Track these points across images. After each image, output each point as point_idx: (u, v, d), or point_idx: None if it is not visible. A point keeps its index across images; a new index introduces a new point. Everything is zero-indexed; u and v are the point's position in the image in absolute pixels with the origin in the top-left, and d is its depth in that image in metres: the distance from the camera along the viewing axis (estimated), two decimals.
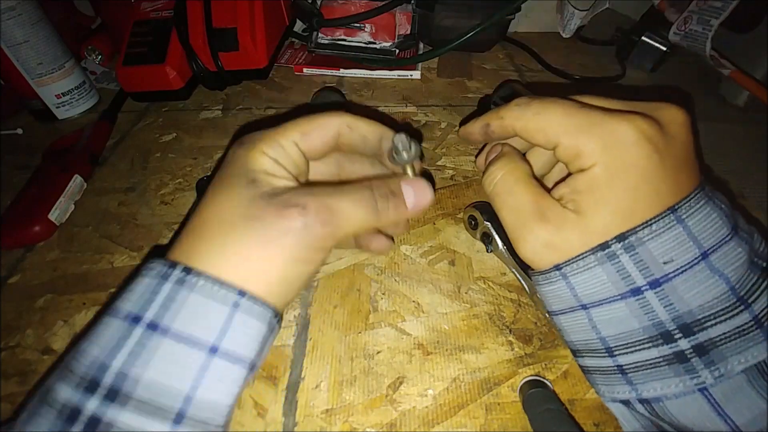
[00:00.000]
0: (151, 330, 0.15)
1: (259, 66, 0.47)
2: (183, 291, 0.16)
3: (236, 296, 0.16)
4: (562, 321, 0.20)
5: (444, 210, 0.33)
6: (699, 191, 0.18)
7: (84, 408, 0.14)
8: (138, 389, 0.15)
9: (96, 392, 0.14)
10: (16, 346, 0.25)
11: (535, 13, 0.57)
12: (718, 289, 0.16)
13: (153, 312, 0.16)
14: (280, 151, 0.19)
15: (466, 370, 0.24)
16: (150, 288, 0.16)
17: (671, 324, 0.17)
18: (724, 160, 0.37)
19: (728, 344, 0.16)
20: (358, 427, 0.21)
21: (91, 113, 0.46)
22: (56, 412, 0.14)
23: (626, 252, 0.17)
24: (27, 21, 0.39)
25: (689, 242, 0.17)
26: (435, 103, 0.45)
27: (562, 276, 0.19)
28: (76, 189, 0.34)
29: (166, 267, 0.17)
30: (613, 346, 0.18)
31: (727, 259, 0.17)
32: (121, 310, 0.16)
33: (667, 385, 0.17)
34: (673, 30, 0.44)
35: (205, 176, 0.35)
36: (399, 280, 0.28)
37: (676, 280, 0.17)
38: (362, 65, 0.50)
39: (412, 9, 0.50)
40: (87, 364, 0.15)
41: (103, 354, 0.15)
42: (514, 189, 0.20)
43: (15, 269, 0.30)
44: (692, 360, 0.16)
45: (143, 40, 0.45)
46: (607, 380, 0.19)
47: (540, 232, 0.19)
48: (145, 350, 0.15)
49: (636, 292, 0.17)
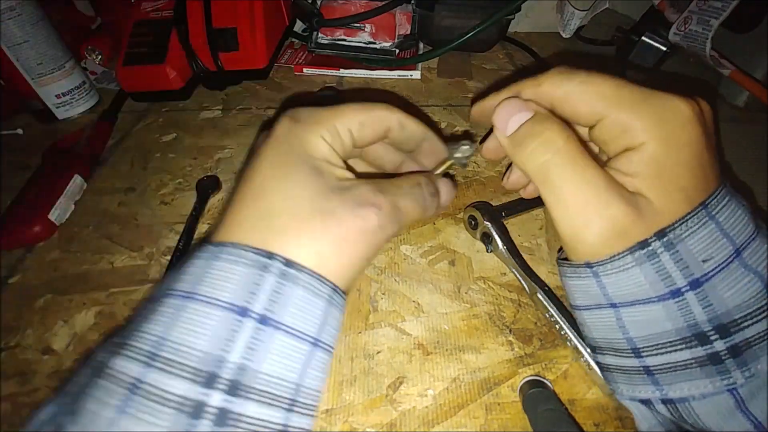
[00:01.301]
0: (263, 324, 0.15)
1: (259, 66, 0.47)
2: (288, 284, 0.16)
3: (331, 291, 0.17)
4: (586, 317, 0.19)
5: (444, 210, 0.33)
6: (722, 188, 0.17)
7: (209, 401, 0.14)
8: (257, 381, 0.15)
9: (216, 386, 0.14)
10: (16, 346, 0.25)
11: (535, 13, 0.57)
12: (754, 288, 0.16)
13: (261, 305, 0.15)
14: (337, 138, 0.19)
15: (466, 370, 0.24)
16: (250, 278, 0.15)
17: (707, 325, 0.16)
18: (723, 160, 0.37)
19: (761, 344, 0.16)
20: (358, 427, 0.21)
21: (91, 113, 0.46)
22: (174, 408, 0.13)
23: (667, 250, 0.16)
24: (27, 21, 0.39)
25: (723, 239, 0.16)
26: (435, 103, 0.45)
27: (593, 274, 0.18)
28: (76, 189, 0.34)
29: (262, 257, 0.16)
30: (641, 347, 0.17)
31: (758, 256, 0.16)
32: (220, 299, 0.15)
33: (696, 387, 0.16)
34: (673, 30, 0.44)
35: (205, 176, 0.35)
36: (399, 280, 0.28)
37: (715, 279, 0.16)
38: (362, 65, 0.50)
39: (412, 9, 0.50)
40: (198, 357, 0.14)
41: (216, 347, 0.14)
42: (579, 161, 0.17)
43: (15, 269, 0.30)
44: (726, 362, 0.16)
45: (143, 40, 0.45)
46: (630, 380, 0.18)
47: (616, 213, 0.16)
48: (261, 344, 0.15)
49: (676, 293, 0.16)
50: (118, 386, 0.13)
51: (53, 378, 0.24)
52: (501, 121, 0.19)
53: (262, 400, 0.14)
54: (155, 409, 0.13)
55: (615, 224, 0.17)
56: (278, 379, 0.15)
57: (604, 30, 0.54)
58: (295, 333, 0.16)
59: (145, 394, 0.13)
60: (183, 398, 0.13)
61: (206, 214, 0.33)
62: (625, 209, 0.16)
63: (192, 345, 0.14)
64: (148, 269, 0.29)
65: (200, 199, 0.33)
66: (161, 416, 0.13)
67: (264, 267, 0.16)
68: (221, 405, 0.14)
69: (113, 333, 0.17)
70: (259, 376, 0.15)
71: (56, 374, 0.24)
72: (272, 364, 0.15)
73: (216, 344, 0.14)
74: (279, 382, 0.15)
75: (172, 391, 0.13)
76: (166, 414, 0.13)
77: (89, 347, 0.25)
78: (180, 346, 0.14)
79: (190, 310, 0.15)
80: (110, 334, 0.22)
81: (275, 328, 0.15)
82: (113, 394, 0.13)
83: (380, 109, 0.20)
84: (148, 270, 0.29)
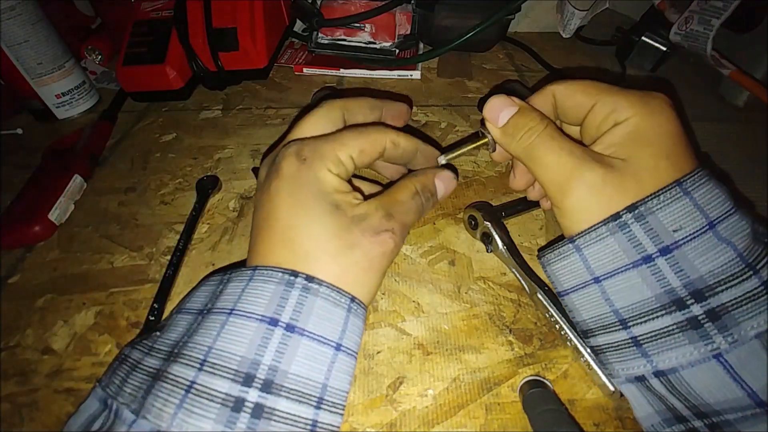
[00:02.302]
0: (290, 331, 0.17)
1: (259, 66, 0.47)
2: (310, 297, 0.18)
3: (349, 302, 0.19)
4: (574, 299, 0.20)
5: (444, 210, 0.33)
6: (699, 171, 0.19)
7: (247, 397, 0.16)
8: (287, 381, 0.17)
9: (253, 384, 0.16)
10: (16, 346, 0.25)
11: (535, 13, 0.57)
12: (726, 256, 0.17)
13: (287, 315, 0.18)
14: (341, 167, 0.21)
15: (466, 370, 0.24)
16: (278, 293, 0.18)
17: (683, 290, 0.17)
18: (724, 160, 0.37)
19: (739, 309, 0.16)
20: (358, 427, 0.21)
21: (91, 113, 0.46)
22: (219, 403, 0.16)
23: (637, 221, 0.18)
24: (27, 21, 0.39)
25: (696, 212, 0.18)
26: (435, 103, 0.45)
27: (575, 248, 0.19)
28: (76, 189, 0.34)
29: (287, 275, 0.18)
30: (627, 317, 0.18)
31: (733, 230, 0.17)
32: (254, 312, 0.18)
33: (682, 354, 0.17)
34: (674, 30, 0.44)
35: (205, 176, 0.35)
36: (399, 280, 0.28)
37: (685, 247, 0.17)
38: (362, 65, 0.50)
39: (412, 9, 0.50)
40: (237, 361, 0.17)
41: (251, 352, 0.17)
42: (558, 138, 0.20)
43: (15, 269, 0.30)
44: (705, 325, 0.17)
45: (143, 40, 0.45)
46: (622, 356, 0.19)
47: (591, 176, 0.19)
48: (289, 348, 0.17)
49: (647, 259, 0.18)
50: (177, 387, 0.16)
51: (53, 378, 0.24)
52: (492, 114, 0.23)
53: (292, 397, 0.17)
54: (205, 405, 0.16)
55: (593, 184, 0.19)
56: (306, 379, 0.17)
57: (604, 30, 0.54)
58: (318, 338, 0.18)
59: (197, 393, 0.16)
60: (226, 395, 0.16)
61: (206, 213, 0.33)
62: (601, 169, 0.19)
63: (232, 351, 0.17)
64: (148, 269, 0.29)
65: (200, 198, 0.33)
66: (210, 410, 0.16)
67: (290, 283, 0.18)
68: (257, 401, 0.16)
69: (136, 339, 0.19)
70: (288, 376, 0.17)
71: (56, 374, 0.24)
72: (299, 366, 0.17)
73: (251, 349, 0.17)
74: (306, 382, 0.17)
75: (217, 390, 0.16)
76: (213, 408, 0.16)
77: (89, 347, 0.25)
78: (223, 353, 0.17)
79: (230, 323, 0.18)
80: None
81: (300, 334, 0.18)
82: (174, 394, 0.16)
83: (375, 133, 0.22)
84: (148, 270, 0.29)
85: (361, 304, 0.20)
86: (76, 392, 0.23)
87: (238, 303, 0.18)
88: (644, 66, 0.50)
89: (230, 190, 0.35)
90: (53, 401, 0.23)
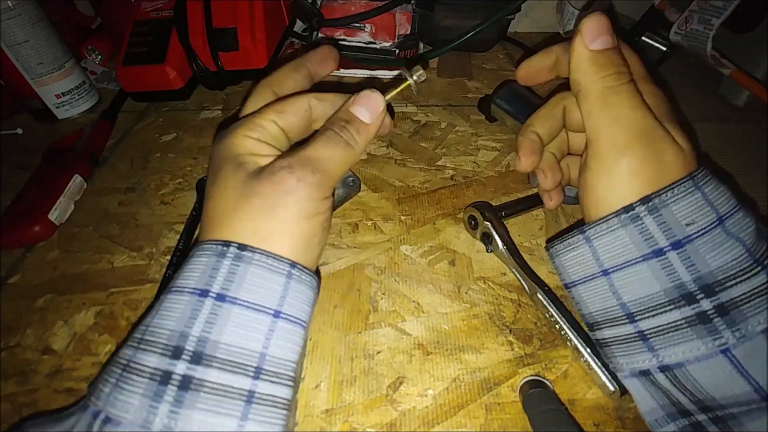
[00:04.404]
0: (220, 301, 0.17)
1: (259, 66, 0.47)
2: (242, 265, 0.18)
3: (289, 267, 0.18)
4: (581, 291, 0.20)
5: (444, 210, 0.33)
6: (705, 168, 0.19)
7: (174, 370, 0.16)
8: (218, 351, 0.16)
9: (182, 357, 0.16)
10: (16, 346, 0.25)
11: (535, 13, 0.57)
12: (735, 251, 0.17)
13: (219, 285, 0.17)
14: (262, 131, 0.20)
15: (466, 370, 0.24)
16: (210, 265, 0.18)
17: (693, 285, 0.17)
18: (724, 160, 0.37)
19: (748, 304, 0.16)
20: (358, 427, 0.21)
21: (91, 113, 0.46)
22: (147, 378, 0.16)
23: (650, 214, 0.18)
24: (27, 21, 0.39)
25: (707, 207, 0.17)
26: (435, 103, 0.45)
27: (585, 239, 0.19)
28: (76, 189, 0.34)
29: (220, 245, 0.18)
30: (635, 311, 0.18)
31: (740, 226, 0.17)
32: (186, 286, 0.17)
33: (689, 349, 0.17)
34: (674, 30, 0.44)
35: (204, 176, 0.35)
36: (399, 280, 0.28)
37: (697, 241, 0.17)
38: (362, 65, 0.50)
39: (412, 9, 0.50)
40: (167, 335, 0.16)
41: (181, 324, 0.17)
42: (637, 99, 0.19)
43: (15, 269, 0.30)
44: (714, 321, 0.16)
45: (143, 40, 0.45)
46: (627, 350, 0.19)
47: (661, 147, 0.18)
48: (219, 318, 0.17)
49: (659, 253, 0.17)
50: (116, 368, 0.17)
51: (53, 378, 0.24)
52: (590, 34, 0.19)
53: (224, 368, 0.16)
54: (134, 380, 0.16)
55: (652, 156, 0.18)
56: (240, 349, 0.17)
57: None
58: (252, 306, 0.17)
59: (129, 370, 0.16)
60: (154, 369, 0.16)
61: None
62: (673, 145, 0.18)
63: (163, 326, 0.17)
64: (148, 269, 0.29)
65: (200, 198, 0.33)
66: (138, 385, 0.16)
67: (221, 254, 0.18)
68: (185, 372, 0.16)
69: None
70: (220, 346, 0.16)
71: (56, 374, 0.24)
72: (232, 335, 0.17)
73: (181, 322, 0.17)
74: (241, 351, 0.17)
75: (146, 365, 0.16)
76: (141, 383, 0.16)
77: (89, 347, 0.25)
78: (155, 329, 0.17)
79: (167, 299, 0.18)
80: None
81: (232, 303, 0.17)
82: (113, 374, 0.16)
83: (294, 95, 0.22)
84: (147, 270, 0.29)
85: (304, 270, 0.19)
86: (76, 392, 0.23)
87: (176, 280, 0.18)
88: None
89: None
90: (53, 401, 0.23)
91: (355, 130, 0.21)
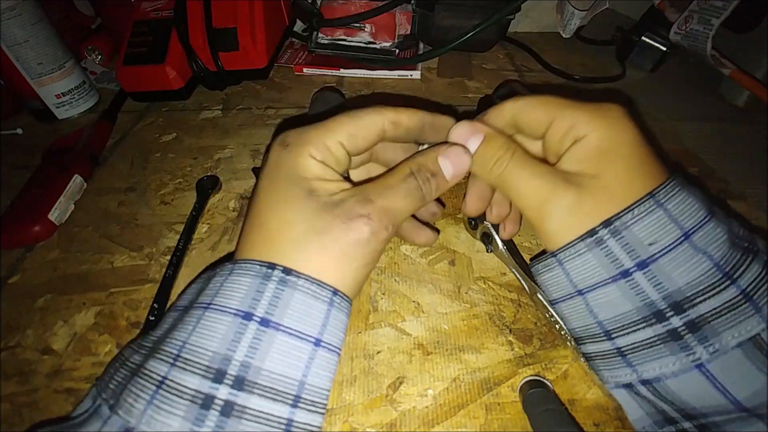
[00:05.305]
0: (264, 326, 0.17)
1: (259, 66, 0.47)
2: (287, 290, 0.17)
3: (331, 295, 0.18)
4: (563, 308, 0.20)
5: (444, 210, 0.33)
6: (672, 180, 0.19)
7: (217, 394, 0.15)
8: (260, 378, 0.16)
9: (224, 381, 0.16)
10: (16, 346, 0.25)
11: (535, 13, 0.57)
12: (702, 266, 0.17)
13: (263, 309, 0.17)
14: (327, 153, 0.20)
15: (466, 370, 0.24)
16: (254, 287, 0.17)
17: (662, 303, 0.17)
18: (724, 160, 0.37)
19: (719, 319, 0.16)
20: (358, 427, 0.21)
21: (91, 113, 0.46)
22: (188, 400, 0.15)
23: (613, 236, 0.18)
24: (27, 21, 0.39)
25: (671, 224, 0.17)
26: (435, 103, 0.45)
27: (558, 262, 0.19)
28: (76, 189, 0.34)
29: (264, 267, 0.18)
30: (611, 329, 0.18)
31: (709, 239, 0.17)
32: (229, 306, 0.17)
33: (664, 364, 0.17)
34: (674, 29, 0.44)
35: (205, 176, 0.35)
36: (399, 280, 0.28)
37: (662, 260, 0.17)
38: (362, 65, 0.50)
39: (412, 9, 0.50)
40: (209, 356, 0.16)
41: (223, 347, 0.16)
42: (528, 163, 0.20)
43: (15, 269, 0.30)
44: (686, 337, 0.17)
45: (143, 40, 0.45)
46: (609, 365, 0.19)
47: (566, 198, 0.19)
48: (263, 343, 0.16)
49: (625, 273, 0.18)
50: (149, 383, 0.16)
51: (53, 378, 0.24)
52: (460, 142, 0.21)
53: (266, 395, 0.16)
54: (173, 401, 0.15)
55: (569, 205, 0.19)
56: (281, 376, 0.16)
57: (604, 30, 0.54)
58: (295, 333, 0.17)
59: (167, 389, 0.15)
60: (196, 391, 0.15)
61: (206, 214, 0.33)
62: (574, 190, 0.19)
63: (205, 346, 0.16)
64: (148, 269, 0.29)
65: (200, 199, 0.33)
66: (178, 407, 0.15)
67: (266, 276, 0.17)
68: (227, 398, 0.15)
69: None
70: (262, 373, 0.16)
71: (56, 374, 0.24)
72: (274, 362, 0.16)
73: (224, 345, 0.16)
74: (282, 379, 0.16)
75: (187, 386, 0.15)
76: (182, 405, 0.15)
77: (89, 347, 0.25)
78: (196, 348, 0.16)
79: (205, 317, 0.17)
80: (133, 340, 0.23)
81: (276, 329, 0.17)
82: (146, 389, 0.16)
83: (368, 115, 0.21)
84: (148, 270, 0.29)
85: (344, 297, 0.19)
86: (76, 392, 0.23)
87: (215, 297, 0.18)
88: (644, 66, 0.50)
89: (230, 190, 0.35)
90: (53, 401, 0.23)
91: (436, 185, 0.20)
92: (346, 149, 0.20)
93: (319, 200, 0.18)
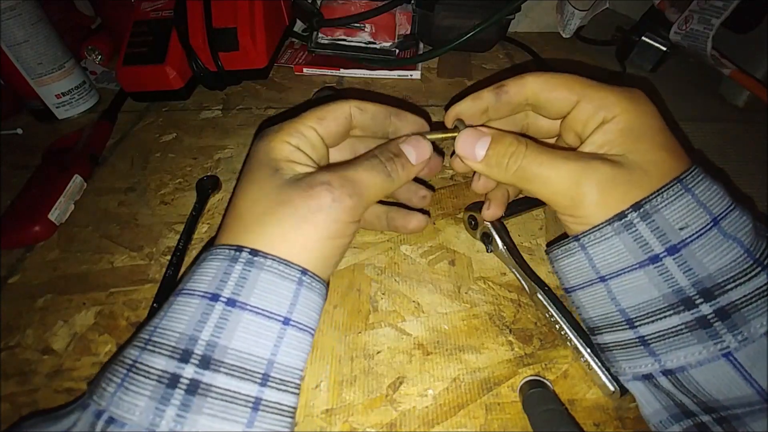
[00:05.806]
0: (230, 306, 0.17)
1: (259, 66, 0.47)
2: (254, 270, 0.18)
3: (300, 274, 0.18)
4: (581, 296, 0.20)
5: (444, 210, 0.33)
6: (696, 167, 0.18)
7: (183, 374, 0.16)
8: (227, 357, 0.16)
9: (190, 360, 0.16)
10: (16, 346, 0.25)
11: (535, 13, 0.57)
12: (733, 253, 0.17)
13: (229, 290, 0.17)
14: (301, 138, 0.21)
15: (466, 370, 0.24)
16: (221, 269, 0.18)
17: (691, 289, 0.17)
18: (724, 160, 0.37)
19: (749, 306, 0.16)
20: (358, 427, 0.21)
21: (91, 113, 0.46)
22: (155, 380, 0.16)
23: (643, 220, 0.17)
24: (27, 21, 0.39)
25: (700, 209, 0.17)
26: (435, 103, 0.45)
27: (580, 247, 0.19)
28: (76, 189, 0.34)
29: (233, 250, 0.18)
30: (634, 317, 0.18)
31: (737, 226, 0.17)
32: (197, 290, 0.18)
33: (690, 353, 0.17)
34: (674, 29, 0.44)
35: (205, 176, 0.35)
36: (399, 280, 0.28)
37: (693, 245, 0.17)
38: (362, 65, 0.50)
39: (412, 9, 0.50)
40: (176, 338, 0.16)
41: (190, 328, 0.17)
42: (546, 152, 0.19)
43: (15, 269, 0.30)
44: (715, 325, 0.16)
45: (143, 40, 0.45)
46: (629, 354, 0.18)
47: (600, 175, 0.18)
48: (229, 323, 0.17)
49: (654, 259, 0.17)
50: (122, 367, 0.17)
51: (53, 378, 0.24)
52: (467, 151, 0.21)
53: (233, 373, 0.16)
54: (141, 382, 0.16)
55: (604, 182, 0.18)
56: (248, 355, 0.17)
57: (604, 30, 0.54)
58: (262, 312, 0.17)
59: (136, 371, 0.16)
60: (162, 371, 0.16)
61: (206, 214, 0.33)
62: (608, 167, 0.18)
63: (172, 328, 0.17)
64: (148, 269, 0.29)
65: (200, 199, 0.33)
66: (145, 387, 0.16)
67: (234, 258, 0.18)
68: (193, 377, 0.16)
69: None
70: (229, 352, 0.16)
71: (56, 374, 0.24)
72: (241, 341, 0.17)
73: (191, 326, 0.17)
74: (249, 357, 0.17)
75: (154, 367, 0.16)
76: (149, 385, 0.16)
77: (89, 347, 0.25)
78: (164, 331, 0.17)
79: (176, 302, 0.18)
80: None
81: (242, 308, 0.17)
82: (118, 374, 0.16)
83: (336, 102, 0.22)
84: (147, 270, 0.29)
85: (314, 277, 0.19)
86: (76, 392, 0.23)
87: (187, 283, 0.18)
88: (644, 66, 0.50)
89: (230, 190, 0.35)
90: (53, 401, 0.23)
91: (400, 165, 0.21)
92: (319, 134, 0.21)
93: (283, 177, 0.19)
